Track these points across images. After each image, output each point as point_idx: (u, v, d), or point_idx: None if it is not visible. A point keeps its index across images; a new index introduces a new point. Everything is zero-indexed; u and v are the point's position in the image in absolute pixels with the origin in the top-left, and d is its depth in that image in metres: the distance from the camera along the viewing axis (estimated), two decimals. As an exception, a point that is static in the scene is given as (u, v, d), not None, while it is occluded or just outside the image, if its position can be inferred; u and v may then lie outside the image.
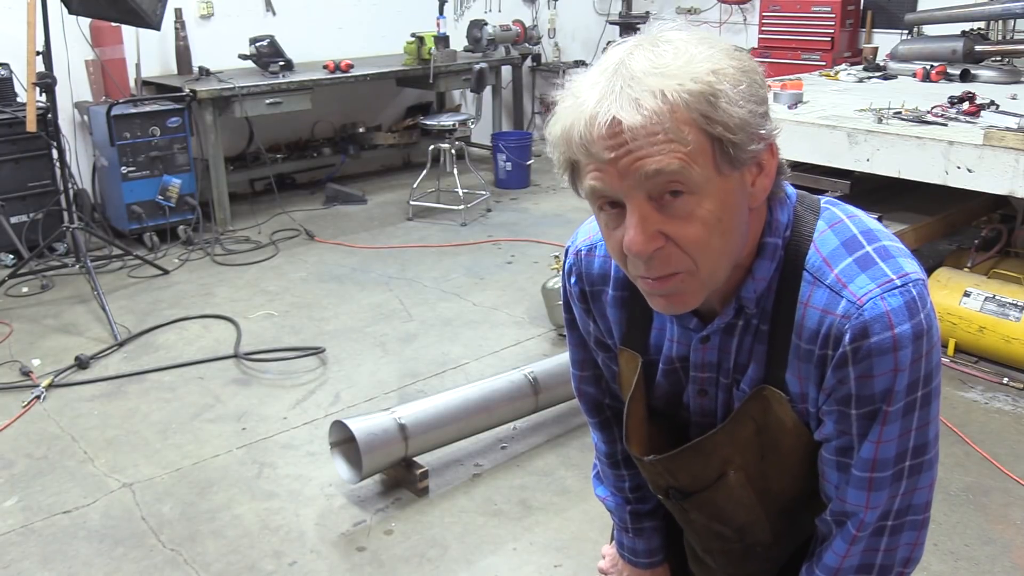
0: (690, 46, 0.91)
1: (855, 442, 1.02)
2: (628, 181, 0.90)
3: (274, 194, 5.72)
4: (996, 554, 2.45)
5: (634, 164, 0.89)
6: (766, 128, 0.94)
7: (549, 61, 7.53)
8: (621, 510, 1.39)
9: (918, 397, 0.99)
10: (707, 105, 0.88)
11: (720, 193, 0.92)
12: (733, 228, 0.96)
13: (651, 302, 1.02)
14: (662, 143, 0.87)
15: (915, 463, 1.03)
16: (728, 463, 1.11)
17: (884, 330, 0.94)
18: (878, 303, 0.95)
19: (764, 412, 1.07)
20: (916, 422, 1.00)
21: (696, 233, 0.93)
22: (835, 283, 0.98)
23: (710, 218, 0.92)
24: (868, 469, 1.02)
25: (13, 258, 4.70)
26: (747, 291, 1.03)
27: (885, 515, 1.05)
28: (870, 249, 0.99)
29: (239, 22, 5.78)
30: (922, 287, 0.97)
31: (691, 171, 0.89)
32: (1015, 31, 5.50)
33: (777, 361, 1.04)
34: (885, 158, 3.41)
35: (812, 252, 1.01)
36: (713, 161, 0.91)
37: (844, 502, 1.06)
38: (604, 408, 1.34)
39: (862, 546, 1.07)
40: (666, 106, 0.87)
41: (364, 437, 2.61)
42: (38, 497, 2.74)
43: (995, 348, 3.44)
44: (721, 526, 1.19)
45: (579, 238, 1.21)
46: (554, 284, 3.80)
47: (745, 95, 0.91)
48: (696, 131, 0.88)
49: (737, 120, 0.90)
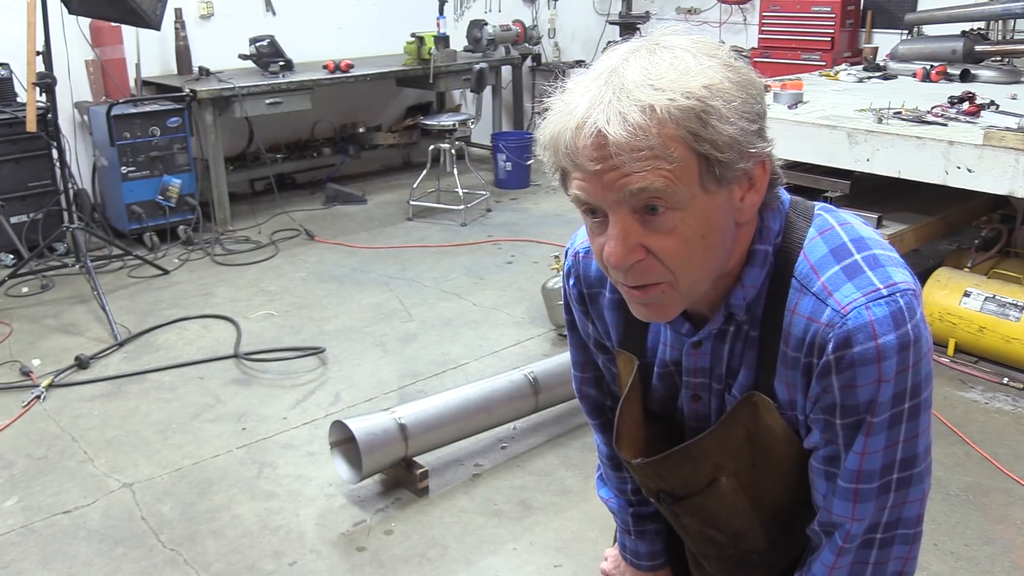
0: (688, 56, 0.90)
1: (841, 452, 1.01)
2: (611, 195, 0.90)
3: (274, 194, 5.72)
4: (996, 554, 2.45)
5: (618, 180, 0.88)
6: (757, 146, 0.92)
7: (549, 61, 7.52)
8: (624, 512, 1.39)
9: (904, 409, 0.97)
10: (696, 122, 0.87)
11: (704, 210, 0.92)
12: (716, 244, 0.95)
13: (632, 308, 1.02)
14: (647, 159, 0.86)
15: (903, 476, 1.01)
16: (720, 468, 1.10)
17: (867, 340, 0.93)
18: (862, 312, 0.93)
19: (754, 418, 1.06)
20: (903, 434, 0.99)
21: (677, 248, 0.92)
22: (821, 291, 0.97)
23: (692, 235, 0.92)
24: (853, 480, 1.01)
25: (13, 258, 4.70)
26: (736, 298, 1.02)
27: (873, 528, 1.03)
28: (859, 257, 0.98)
29: (239, 22, 5.78)
30: (911, 297, 0.95)
31: (675, 189, 0.88)
32: (1015, 31, 5.50)
33: (766, 368, 1.04)
34: (885, 158, 3.41)
35: (801, 259, 1.00)
36: (699, 178, 0.90)
37: (831, 512, 1.05)
38: (606, 410, 1.34)
39: (850, 558, 1.05)
40: (653, 122, 0.86)
41: (364, 437, 2.61)
42: (38, 497, 2.74)
43: (995, 348, 3.44)
44: (714, 532, 1.18)
45: (578, 240, 1.20)
46: (554, 284, 3.80)
47: (738, 111, 0.89)
48: (683, 148, 0.87)
49: (726, 138, 0.88)
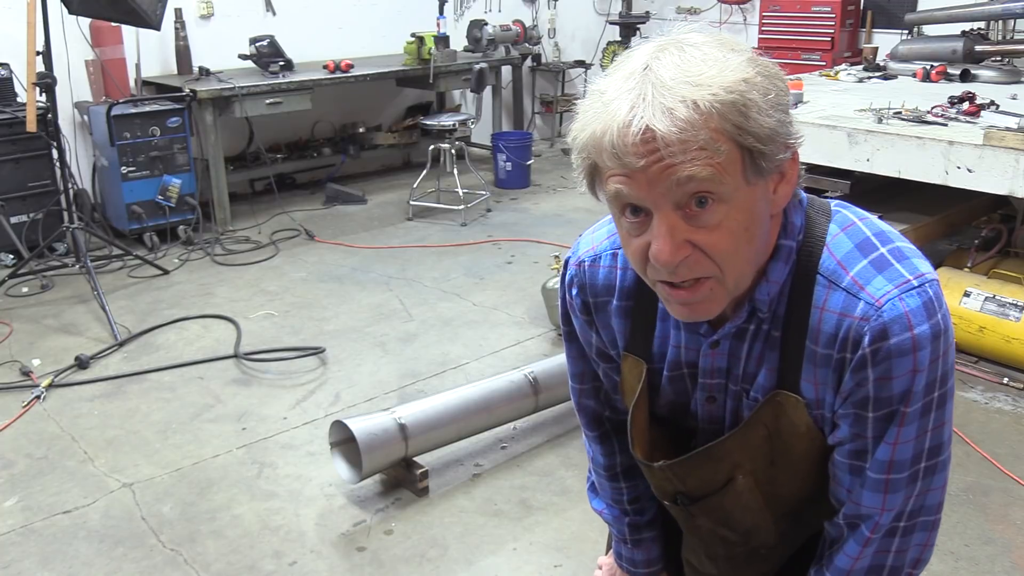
0: (717, 52, 0.90)
1: (870, 445, 1.02)
2: (657, 189, 0.90)
3: (274, 194, 5.72)
4: (996, 554, 2.45)
5: (665, 171, 0.88)
6: (792, 137, 0.94)
7: (549, 61, 7.52)
8: (619, 523, 1.38)
9: (935, 398, 0.99)
10: (739, 116, 0.88)
11: (747, 202, 0.92)
12: (757, 236, 0.96)
13: (671, 309, 1.01)
14: (695, 151, 0.87)
15: (930, 464, 1.02)
16: (737, 468, 1.11)
17: (904, 331, 0.94)
18: (897, 304, 0.94)
19: (776, 418, 1.06)
20: (932, 423, 1.00)
21: (724, 242, 0.93)
22: (852, 285, 0.97)
23: (737, 227, 0.92)
24: (884, 471, 1.02)
25: (13, 258, 4.70)
26: (761, 293, 1.02)
27: (899, 516, 1.04)
28: (884, 251, 0.99)
29: (239, 22, 5.78)
30: (937, 287, 0.98)
31: (722, 179, 0.89)
32: (1015, 31, 5.50)
33: (791, 367, 1.03)
34: (885, 158, 3.41)
35: (826, 255, 1.00)
36: (743, 171, 0.90)
37: (859, 505, 1.05)
38: (604, 421, 1.33)
39: (874, 548, 1.06)
40: (700, 117, 0.86)
41: (364, 437, 2.61)
42: (38, 497, 2.74)
43: (995, 348, 3.44)
44: (727, 531, 1.18)
45: (581, 249, 1.19)
46: (554, 284, 3.79)
47: (773, 104, 0.90)
48: (728, 141, 0.88)
49: (767, 130, 0.89)
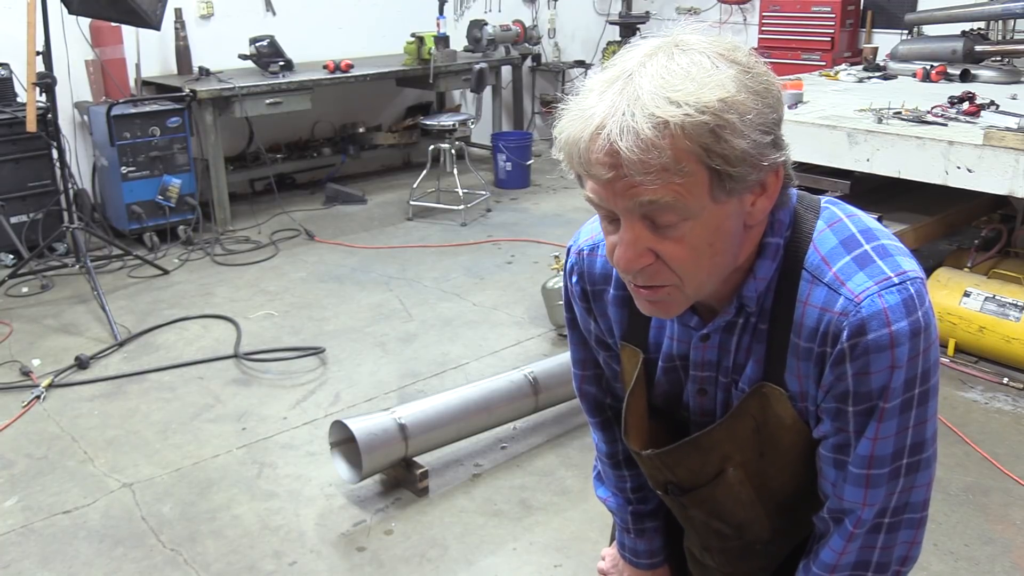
0: (706, 61, 0.90)
1: (852, 439, 1.03)
2: (622, 202, 0.91)
3: (274, 194, 5.72)
4: (996, 554, 2.45)
5: (628, 191, 0.89)
6: (770, 159, 0.93)
7: (549, 61, 7.52)
8: (623, 511, 1.39)
9: (915, 395, 1.00)
10: (710, 137, 0.87)
11: (714, 219, 0.93)
12: (723, 250, 0.97)
13: (638, 304, 1.04)
14: (657, 172, 0.87)
15: (912, 461, 1.03)
16: (727, 460, 1.12)
17: (881, 327, 0.95)
18: (875, 300, 0.96)
19: (763, 409, 1.08)
20: (913, 420, 1.01)
21: (685, 255, 0.94)
22: (833, 281, 0.99)
23: (700, 243, 0.94)
24: (865, 466, 1.03)
25: (13, 258, 4.70)
26: (748, 290, 1.04)
27: (882, 512, 1.05)
28: (868, 248, 1.00)
29: (239, 22, 5.78)
30: (920, 285, 0.98)
31: (684, 202, 0.90)
32: (1015, 31, 5.50)
33: (776, 360, 1.05)
34: (885, 158, 3.41)
35: (811, 251, 1.02)
36: (709, 191, 0.91)
37: (841, 499, 1.07)
38: (605, 408, 1.35)
39: (859, 543, 1.08)
40: (665, 138, 0.86)
41: (364, 437, 2.61)
42: (38, 497, 2.74)
43: (995, 348, 3.44)
44: (720, 523, 1.19)
45: (581, 237, 1.21)
46: (554, 284, 3.79)
47: (752, 124, 0.90)
48: (694, 162, 0.88)
49: (739, 152, 0.89)
